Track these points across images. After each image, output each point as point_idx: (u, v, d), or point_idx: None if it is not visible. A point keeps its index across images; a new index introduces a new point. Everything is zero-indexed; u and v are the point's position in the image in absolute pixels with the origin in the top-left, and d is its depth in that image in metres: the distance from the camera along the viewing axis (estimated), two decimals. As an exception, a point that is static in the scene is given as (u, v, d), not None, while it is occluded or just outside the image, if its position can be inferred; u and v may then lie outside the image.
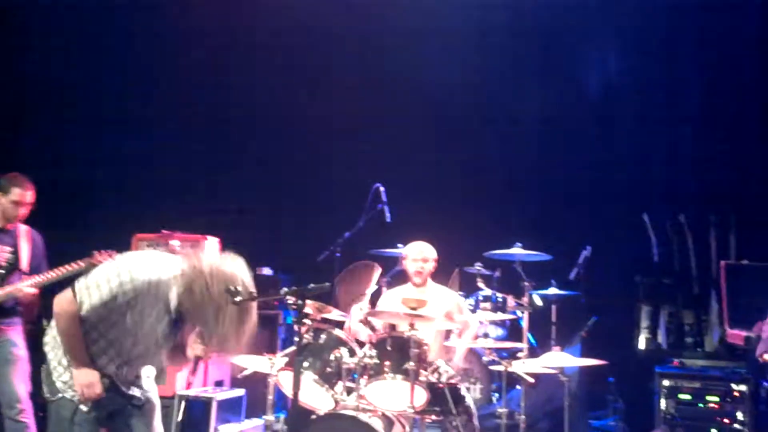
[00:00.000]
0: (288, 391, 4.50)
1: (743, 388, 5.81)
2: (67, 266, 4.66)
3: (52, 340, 3.25)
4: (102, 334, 3.16)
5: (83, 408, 3.15)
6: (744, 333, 5.24)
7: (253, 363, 4.73)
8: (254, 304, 3.09)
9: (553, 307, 6.47)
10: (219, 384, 6.09)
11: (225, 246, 6.27)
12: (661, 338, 6.72)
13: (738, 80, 7.37)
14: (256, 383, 5.30)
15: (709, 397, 5.88)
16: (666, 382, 5.98)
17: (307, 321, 4.60)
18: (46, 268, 4.89)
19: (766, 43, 7.28)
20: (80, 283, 3.14)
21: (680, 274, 6.99)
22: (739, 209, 7.11)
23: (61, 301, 3.13)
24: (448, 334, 5.40)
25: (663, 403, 5.95)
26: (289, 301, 2.91)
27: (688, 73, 7.64)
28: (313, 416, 4.50)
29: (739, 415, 5.78)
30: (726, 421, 5.82)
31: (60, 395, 3.19)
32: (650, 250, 7.27)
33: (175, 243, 5.52)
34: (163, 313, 3.15)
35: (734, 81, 7.37)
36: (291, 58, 8.31)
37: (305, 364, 4.50)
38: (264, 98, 8.25)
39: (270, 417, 4.51)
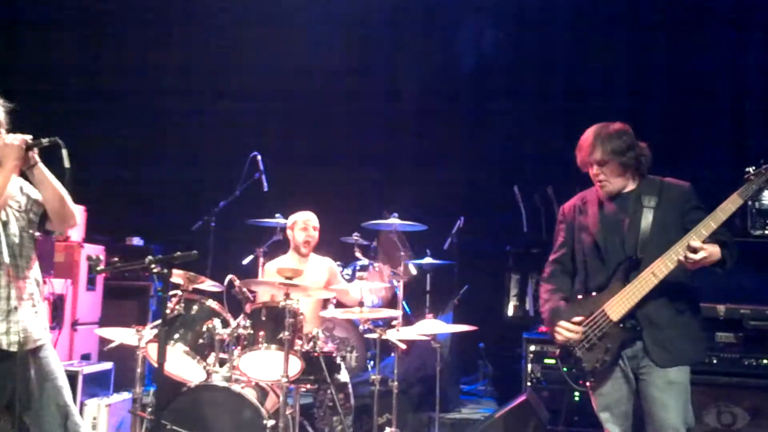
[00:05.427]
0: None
1: (605, 352, 6.11)
2: None
3: None
4: None
5: None
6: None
7: (121, 335, 4.57)
8: None
9: (428, 275, 6.62)
10: (86, 357, 5.88)
11: (92, 216, 6.03)
12: (528, 305, 6.95)
13: (606, 56, 7.66)
14: (124, 356, 5.13)
15: (572, 362, 6.15)
16: (532, 348, 6.17)
17: (177, 291, 4.49)
18: None
19: (634, 21, 7.62)
20: None
21: (548, 244, 7.23)
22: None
23: None
24: (325, 303, 5.42)
25: (529, 368, 6.15)
26: (155, 271, 2.81)
27: (557, 48, 7.89)
28: (184, 388, 4.41)
29: (599, 378, 6.08)
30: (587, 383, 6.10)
31: None
32: (520, 221, 7.50)
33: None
34: None
35: (603, 57, 7.66)
36: (167, 24, 8.06)
37: (176, 335, 4.40)
38: (135, 62, 7.96)
39: (139, 390, 4.38)
